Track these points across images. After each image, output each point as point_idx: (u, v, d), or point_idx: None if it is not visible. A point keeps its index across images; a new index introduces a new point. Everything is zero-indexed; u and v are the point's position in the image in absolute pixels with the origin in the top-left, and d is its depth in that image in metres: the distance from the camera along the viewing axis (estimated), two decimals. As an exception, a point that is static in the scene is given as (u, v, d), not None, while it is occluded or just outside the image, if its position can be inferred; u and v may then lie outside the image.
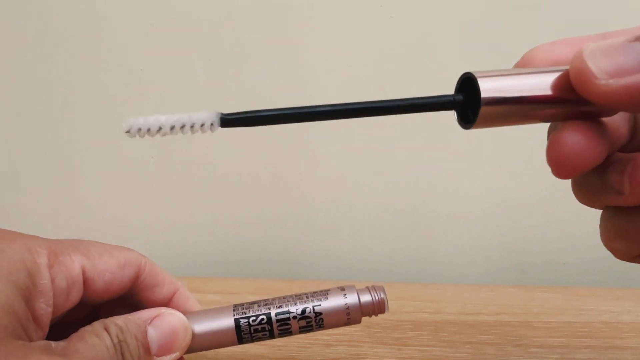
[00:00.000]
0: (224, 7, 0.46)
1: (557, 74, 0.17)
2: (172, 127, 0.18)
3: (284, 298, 0.25)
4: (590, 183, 0.19)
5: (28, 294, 0.20)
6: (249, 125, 0.19)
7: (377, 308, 0.24)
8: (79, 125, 0.49)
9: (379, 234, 0.51)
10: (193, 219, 0.51)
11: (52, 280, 0.21)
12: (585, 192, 0.20)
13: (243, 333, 0.23)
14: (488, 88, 0.17)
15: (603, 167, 0.18)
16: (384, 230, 0.51)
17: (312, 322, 0.24)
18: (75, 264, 0.22)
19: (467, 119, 0.19)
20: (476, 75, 0.18)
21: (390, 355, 0.32)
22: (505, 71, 0.18)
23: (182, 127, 0.18)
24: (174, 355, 0.23)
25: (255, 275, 0.50)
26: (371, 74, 0.47)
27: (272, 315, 0.24)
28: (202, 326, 0.24)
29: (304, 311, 0.24)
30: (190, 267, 0.51)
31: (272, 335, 0.24)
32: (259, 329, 0.24)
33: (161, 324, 0.23)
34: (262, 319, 0.24)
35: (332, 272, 0.51)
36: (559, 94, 0.17)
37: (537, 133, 0.50)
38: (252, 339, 0.24)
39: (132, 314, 0.23)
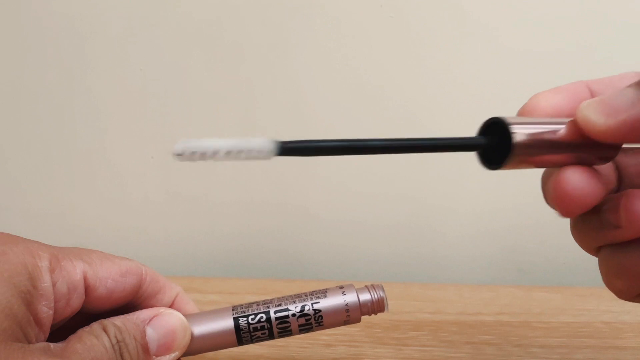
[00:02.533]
0: (224, 7, 0.46)
1: (567, 123, 0.20)
2: (228, 152, 0.18)
3: (282, 298, 0.25)
4: (589, 223, 0.21)
5: (29, 297, 0.20)
6: (305, 155, 0.19)
7: (377, 307, 0.24)
8: (78, 126, 0.49)
9: (379, 234, 0.51)
10: (193, 219, 0.51)
11: (54, 285, 0.21)
12: (585, 232, 0.22)
13: (242, 333, 0.23)
14: (519, 133, 0.19)
15: (599, 208, 0.20)
16: (384, 230, 0.51)
17: (312, 320, 0.24)
18: (76, 269, 0.22)
19: (493, 161, 0.20)
20: (507, 120, 0.20)
21: (390, 355, 0.32)
22: (526, 119, 0.21)
23: (238, 152, 0.18)
24: (173, 355, 0.23)
25: (255, 276, 0.50)
26: (371, 73, 0.47)
27: (271, 314, 0.24)
28: (202, 328, 0.24)
29: (303, 309, 0.24)
30: (189, 267, 0.51)
31: (271, 335, 0.24)
32: (259, 328, 0.23)
33: (160, 324, 0.23)
34: (262, 317, 0.23)
35: (332, 272, 0.51)
36: (573, 139, 0.20)
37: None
38: (252, 340, 0.24)
39: (130, 314, 0.23)
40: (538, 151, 0.20)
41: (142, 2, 0.46)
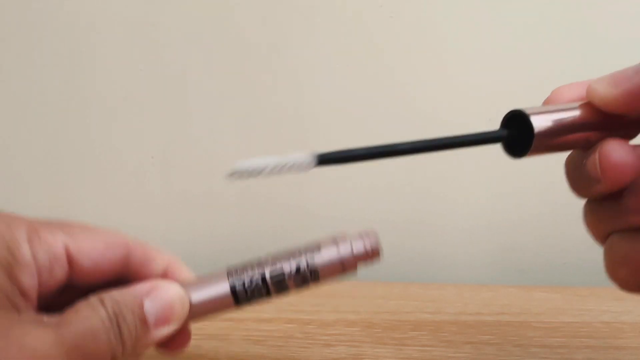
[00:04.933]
0: (224, 7, 0.46)
1: (583, 106, 0.22)
2: (273, 168, 0.20)
3: (277, 255, 0.24)
4: (605, 208, 0.22)
5: (9, 268, 0.20)
6: (341, 164, 0.21)
7: (372, 255, 0.25)
8: (78, 126, 0.49)
9: (378, 234, 0.51)
10: (193, 219, 0.51)
11: (34, 256, 0.21)
12: (600, 216, 0.22)
13: (240, 296, 0.23)
14: (538, 122, 0.21)
15: (620, 192, 0.21)
16: (384, 230, 0.51)
17: (308, 277, 0.24)
18: (57, 240, 0.22)
19: (516, 151, 0.23)
20: (527, 111, 0.21)
21: (390, 355, 0.32)
22: (544, 108, 0.22)
23: (282, 168, 0.20)
24: (173, 327, 0.22)
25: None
26: (371, 73, 0.47)
27: (267, 275, 0.23)
28: (199, 294, 0.23)
29: (298, 269, 0.23)
30: (189, 267, 0.51)
31: (268, 294, 0.24)
32: (255, 290, 0.23)
33: (158, 296, 0.22)
34: (258, 281, 0.23)
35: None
36: (590, 119, 0.22)
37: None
38: (249, 302, 0.24)
39: (127, 287, 0.22)
40: (558, 135, 0.21)
41: (142, 2, 0.46)
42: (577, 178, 0.23)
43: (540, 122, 0.21)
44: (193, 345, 0.32)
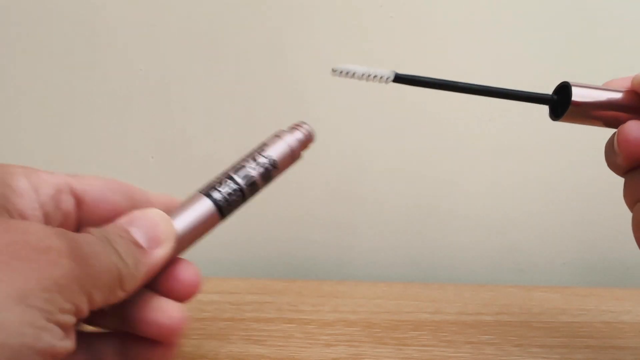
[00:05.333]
0: (224, 7, 0.46)
1: (622, 90, 0.26)
2: (362, 75, 0.25)
3: (237, 165, 0.27)
4: (635, 180, 0.25)
5: (7, 193, 0.20)
6: (413, 85, 0.26)
7: (310, 138, 0.29)
8: (78, 126, 0.49)
9: (379, 234, 0.51)
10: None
11: (36, 189, 0.21)
12: (630, 185, 0.26)
13: (224, 208, 0.25)
14: (578, 93, 0.25)
15: None
16: (384, 230, 0.51)
17: (270, 171, 0.27)
18: (58, 178, 0.22)
19: (557, 114, 0.26)
20: (571, 83, 0.25)
21: (390, 355, 0.32)
22: (588, 84, 0.26)
23: (369, 75, 0.25)
24: (167, 246, 0.23)
25: (255, 276, 0.50)
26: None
27: (240, 182, 0.26)
28: (186, 219, 0.24)
29: (262, 167, 0.27)
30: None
31: (244, 199, 0.26)
32: (235, 198, 0.26)
33: (139, 220, 0.22)
34: (231, 186, 0.26)
35: (332, 272, 0.51)
36: (624, 101, 0.26)
37: (536, 134, 0.51)
38: (231, 208, 0.26)
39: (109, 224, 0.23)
40: (592, 108, 0.25)
41: (142, 2, 0.46)
42: (608, 154, 0.26)
43: (579, 93, 0.25)
44: (193, 345, 0.32)
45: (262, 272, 0.51)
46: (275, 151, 0.27)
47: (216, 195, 0.25)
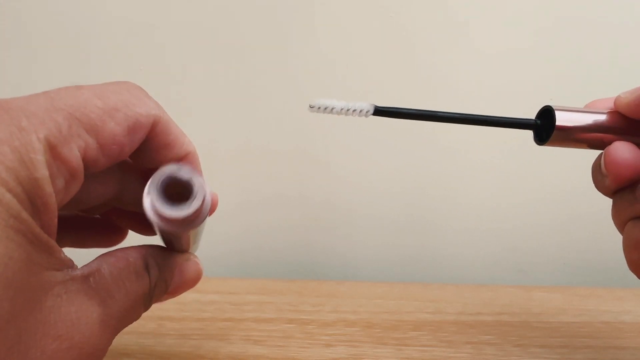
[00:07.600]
0: (224, 7, 0.46)
1: (606, 111, 0.26)
2: (341, 110, 0.25)
3: None
4: (623, 198, 0.25)
5: (33, 198, 0.17)
6: (393, 117, 0.25)
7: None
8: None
9: (379, 234, 0.51)
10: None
11: (53, 180, 0.18)
12: (619, 206, 0.25)
13: None
14: (562, 117, 0.25)
15: (634, 186, 0.24)
16: (384, 230, 0.51)
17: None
18: (76, 157, 0.19)
19: (542, 138, 0.26)
20: (554, 107, 0.25)
21: (390, 355, 0.32)
22: (571, 108, 0.26)
23: (348, 110, 0.25)
24: (178, 294, 0.24)
25: (255, 276, 0.50)
26: (371, 73, 0.47)
27: None
28: None
29: None
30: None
31: None
32: None
33: (183, 272, 0.24)
34: None
35: (332, 272, 0.51)
36: (608, 123, 0.25)
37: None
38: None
39: (169, 253, 0.23)
40: (576, 132, 0.25)
41: (142, 2, 0.46)
42: (595, 175, 0.26)
43: (563, 117, 0.25)
44: (193, 345, 0.32)
45: (262, 272, 0.51)
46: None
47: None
